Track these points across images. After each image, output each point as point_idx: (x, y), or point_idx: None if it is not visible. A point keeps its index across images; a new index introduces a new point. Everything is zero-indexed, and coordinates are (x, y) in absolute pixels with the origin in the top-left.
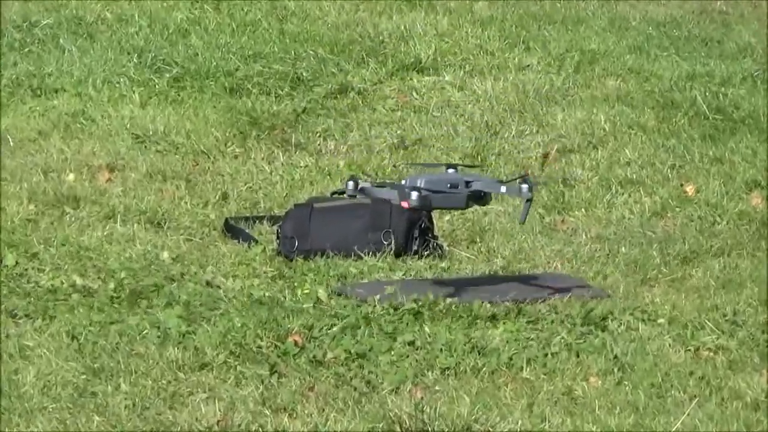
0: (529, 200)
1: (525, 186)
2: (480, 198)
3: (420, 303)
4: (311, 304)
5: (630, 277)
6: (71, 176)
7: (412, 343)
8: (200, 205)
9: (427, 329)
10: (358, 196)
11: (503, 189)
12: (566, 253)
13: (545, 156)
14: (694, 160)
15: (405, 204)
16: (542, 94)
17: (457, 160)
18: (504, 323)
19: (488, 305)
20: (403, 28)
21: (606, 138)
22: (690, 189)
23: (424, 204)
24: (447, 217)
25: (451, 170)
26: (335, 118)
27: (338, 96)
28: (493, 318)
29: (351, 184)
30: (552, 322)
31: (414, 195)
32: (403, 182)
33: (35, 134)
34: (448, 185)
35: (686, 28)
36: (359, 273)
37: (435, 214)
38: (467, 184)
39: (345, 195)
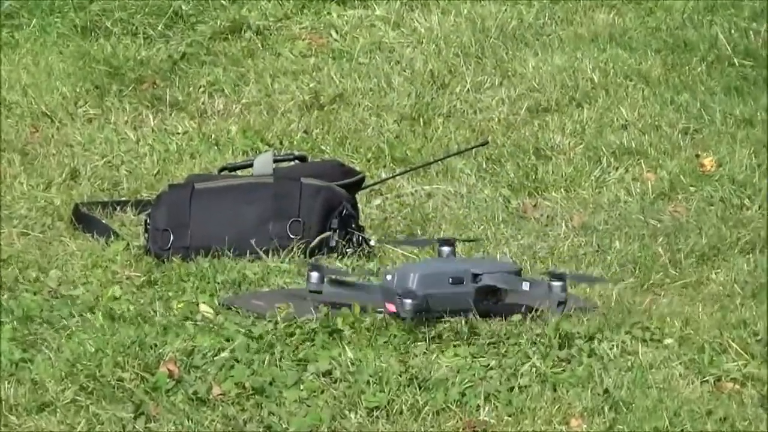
0: (562, 303)
1: (557, 284)
2: (493, 293)
3: (341, 319)
4: (191, 322)
5: (627, 283)
6: None
7: (328, 374)
8: (41, 186)
9: (349, 354)
10: (324, 293)
11: (525, 286)
12: (539, 250)
13: None
14: (715, 122)
15: (391, 308)
16: (507, 32)
17: (390, 123)
18: (454, 346)
19: (432, 321)
20: None
21: (594, 93)
22: (708, 162)
23: (420, 309)
24: (377, 201)
25: (445, 248)
26: (225, 67)
27: (229, 37)
28: (439, 338)
29: (315, 276)
30: (518, 344)
31: (408, 303)
32: (388, 277)
33: None
34: (450, 280)
35: None
36: (257, 278)
37: (360, 196)
38: (475, 277)
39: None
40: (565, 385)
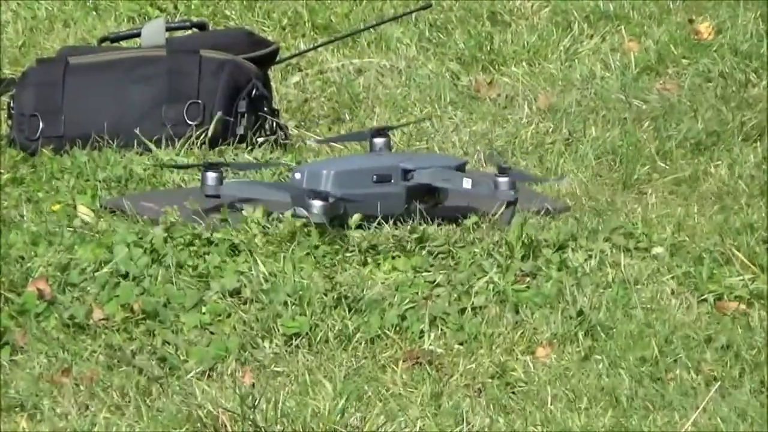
0: (512, 203)
1: (503, 180)
2: (430, 194)
3: (252, 222)
4: (67, 229)
5: (605, 178)
6: None
7: (235, 293)
8: None
9: (261, 269)
10: (222, 196)
11: (466, 184)
12: (496, 138)
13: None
14: None
15: (301, 212)
16: None
17: None
18: (392, 257)
19: (363, 226)
20: None
21: None
22: (705, 28)
23: (335, 213)
24: (295, 78)
25: (377, 140)
26: None
27: None
28: (373, 249)
29: (210, 178)
30: (472, 254)
31: (317, 205)
32: (296, 175)
33: None
34: (375, 178)
35: None
36: (148, 175)
37: (274, 72)
38: (406, 174)
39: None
40: (529, 306)
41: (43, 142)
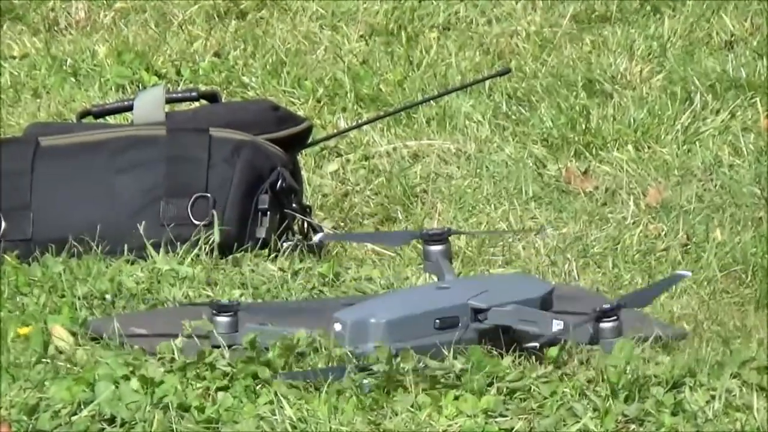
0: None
1: (608, 326)
2: (508, 336)
3: (276, 353)
4: (36, 358)
5: (733, 296)
6: None
7: None
8: None
9: (288, 411)
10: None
11: (557, 327)
12: (592, 244)
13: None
14: None
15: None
16: None
17: (353, 39)
18: (455, 397)
19: (416, 358)
20: None
21: None
22: None
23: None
24: (333, 167)
25: (433, 248)
26: None
27: None
28: (431, 385)
29: (222, 324)
30: (559, 393)
31: (367, 386)
32: (336, 327)
33: None
34: (437, 323)
35: None
36: (142, 290)
37: (305, 157)
38: (477, 314)
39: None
40: None
41: (6, 246)
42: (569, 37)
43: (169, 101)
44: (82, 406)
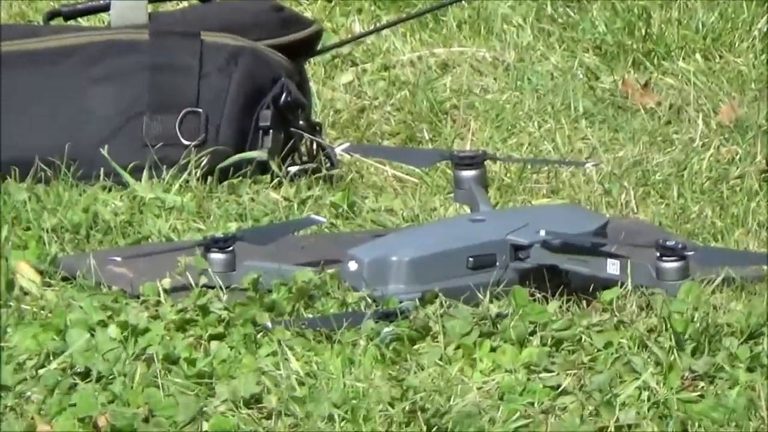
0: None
1: (672, 265)
2: (554, 277)
3: (281, 295)
4: None
5: None
6: None
7: (255, 402)
8: None
9: (294, 364)
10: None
11: (612, 268)
12: (652, 170)
13: None
14: None
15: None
16: None
17: None
18: (491, 348)
19: (446, 302)
20: None
21: None
22: None
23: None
24: (347, 78)
25: (465, 173)
26: None
27: None
28: (463, 335)
29: (218, 261)
30: (615, 345)
31: (387, 334)
32: (351, 265)
33: None
34: (470, 261)
35: None
36: (121, 222)
37: (314, 66)
38: (517, 251)
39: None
40: (703, 425)
41: None
42: None
43: (152, 0)
44: (51, 358)
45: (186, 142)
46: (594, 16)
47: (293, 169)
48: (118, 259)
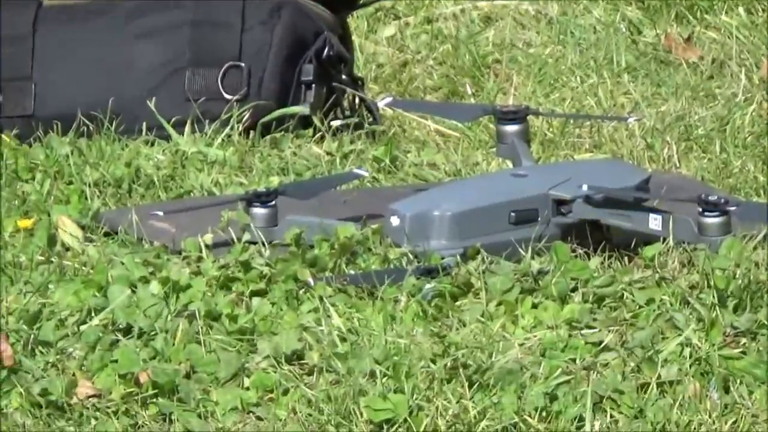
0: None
1: (713, 221)
2: (596, 231)
3: (323, 251)
4: (38, 257)
5: None
6: None
7: (296, 359)
8: None
9: (336, 320)
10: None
11: (654, 224)
12: (697, 123)
13: None
14: None
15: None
16: None
17: None
18: (532, 305)
19: (488, 258)
20: None
21: None
22: None
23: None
24: (390, 31)
25: (508, 128)
26: None
27: None
28: (504, 291)
29: (260, 216)
30: (657, 301)
31: (429, 290)
32: (393, 220)
33: None
34: (512, 216)
35: None
36: (164, 176)
37: (356, 20)
38: (559, 206)
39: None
40: (745, 382)
41: (4, 123)
42: None
43: None
44: (93, 314)
45: (228, 97)
46: None
47: (335, 123)
48: (160, 213)
